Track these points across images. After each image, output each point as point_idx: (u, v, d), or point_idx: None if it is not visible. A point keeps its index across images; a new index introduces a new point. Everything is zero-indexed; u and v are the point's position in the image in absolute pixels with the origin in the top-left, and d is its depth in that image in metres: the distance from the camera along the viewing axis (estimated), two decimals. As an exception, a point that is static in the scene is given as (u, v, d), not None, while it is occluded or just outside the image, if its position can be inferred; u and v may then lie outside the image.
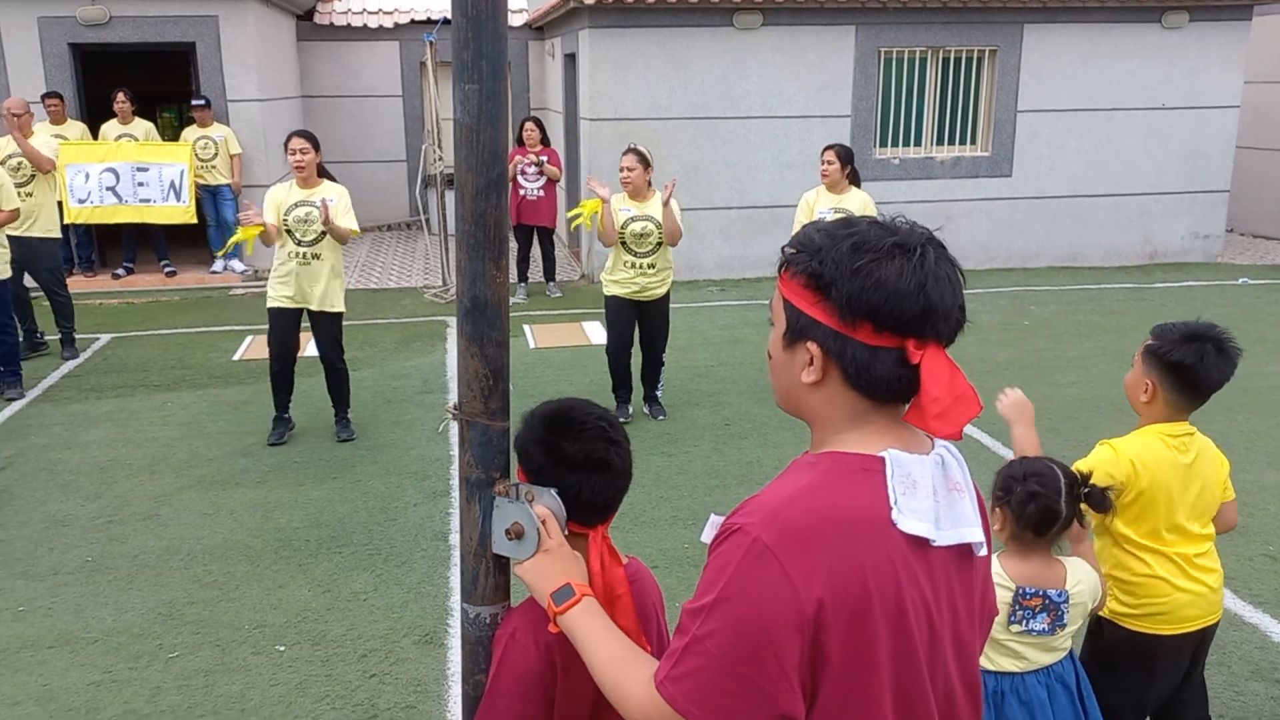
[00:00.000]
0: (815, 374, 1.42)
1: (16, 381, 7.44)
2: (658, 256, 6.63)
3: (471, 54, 1.59)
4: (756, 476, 5.85)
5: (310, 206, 6.14)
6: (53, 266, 8.29)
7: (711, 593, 1.35)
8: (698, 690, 1.34)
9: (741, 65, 10.91)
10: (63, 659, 4.10)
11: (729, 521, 1.39)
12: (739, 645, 1.31)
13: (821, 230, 1.43)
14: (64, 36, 10.72)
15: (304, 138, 6.21)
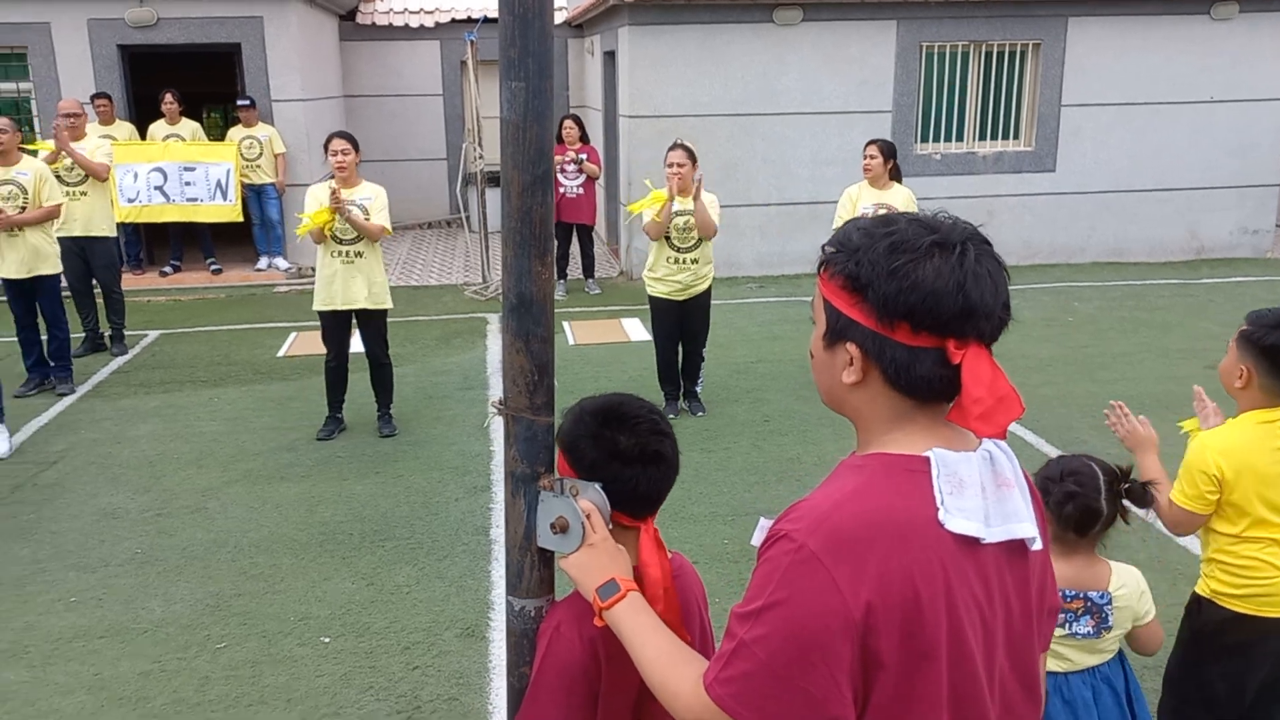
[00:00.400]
0: (856, 374, 1.42)
1: (68, 376, 7.60)
2: (700, 252, 6.64)
3: (518, 52, 1.61)
4: (796, 474, 5.84)
5: (351, 206, 6.23)
6: (109, 264, 8.44)
7: (759, 599, 1.36)
8: (746, 694, 1.35)
9: (781, 61, 10.87)
10: (113, 649, 4.19)
11: (775, 527, 1.40)
12: (787, 651, 1.32)
13: (860, 229, 1.42)
14: (113, 38, 10.91)
15: (344, 139, 6.30)
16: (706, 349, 7.06)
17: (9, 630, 4.33)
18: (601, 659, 1.76)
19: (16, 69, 11.03)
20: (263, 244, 11.62)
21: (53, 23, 10.79)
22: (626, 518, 1.79)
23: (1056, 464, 2.64)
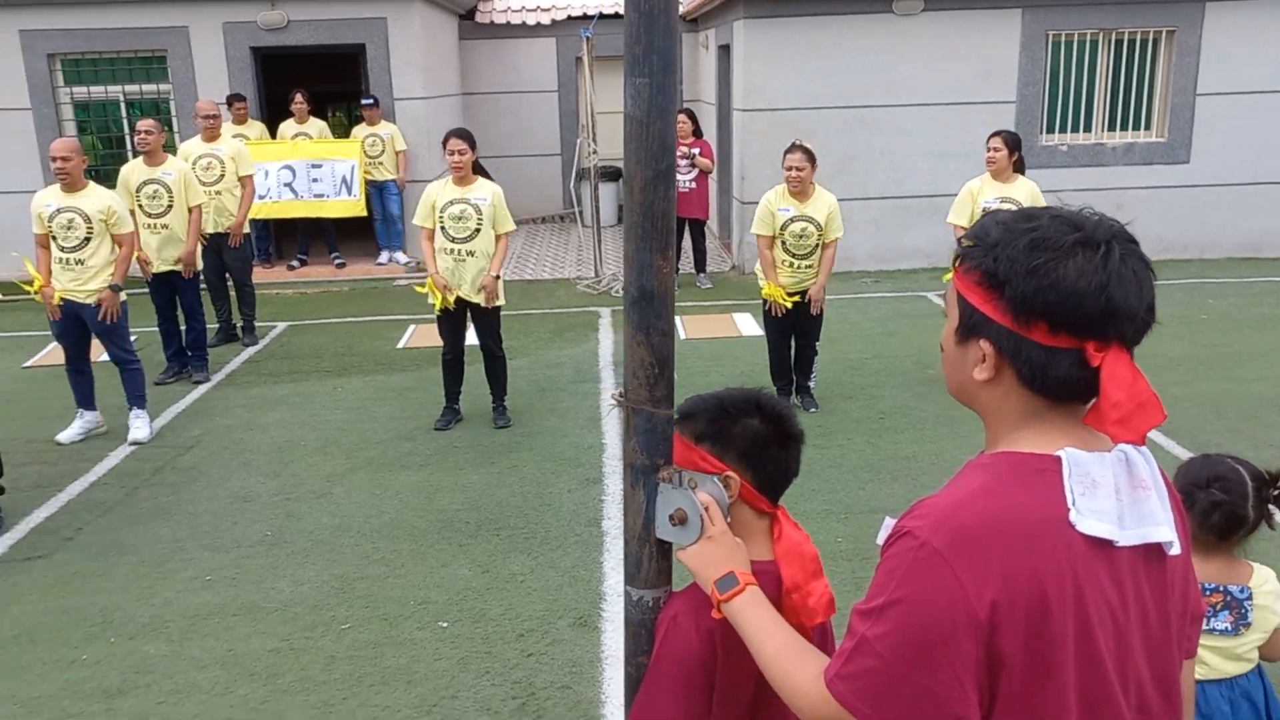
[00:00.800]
0: (988, 371, 1.40)
1: (204, 365, 7.97)
2: (815, 257, 6.59)
3: (643, 48, 1.62)
4: (912, 472, 5.74)
5: (465, 204, 6.37)
6: (242, 259, 8.82)
7: (881, 595, 1.36)
8: (868, 690, 1.35)
9: (899, 52, 10.68)
10: (245, 626, 4.39)
11: (899, 524, 1.39)
12: (909, 648, 1.32)
13: (1000, 223, 1.40)
14: (246, 40, 11.37)
15: (461, 137, 6.41)
16: (820, 343, 6.99)
17: (150, 605, 4.57)
18: (719, 650, 1.77)
19: (157, 71, 11.60)
20: (384, 238, 11.97)
21: (190, 26, 11.30)
22: (767, 503, 1.81)
23: (1201, 467, 2.52)
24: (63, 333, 6.53)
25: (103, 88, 11.60)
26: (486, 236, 6.43)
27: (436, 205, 6.41)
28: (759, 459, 1.80)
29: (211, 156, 8.56)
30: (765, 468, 1.81)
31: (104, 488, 5.91)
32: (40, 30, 11.19)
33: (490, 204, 6.41)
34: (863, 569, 4.62)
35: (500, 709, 3.77)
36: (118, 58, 11.49)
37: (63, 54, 11.40)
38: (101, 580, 4.81)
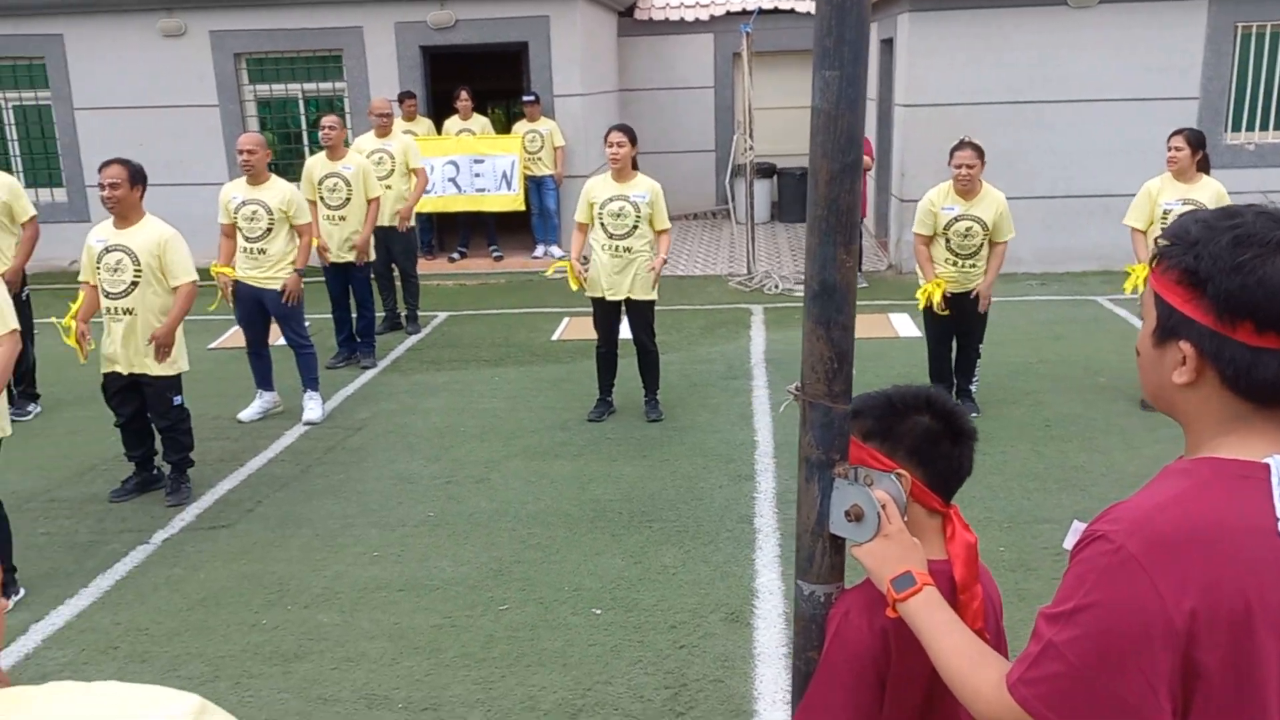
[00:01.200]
0: (1188, 374, 1.35)
1: (371, 352, 8.33)
2: (980, 257, 6.46)
3: (834, 40, 1.61)
4: (1080, 482, 5.52)
5: (624, 201, 6.51)
6: (408, 251, 9.18)
7: (1072, 599, 1.33)
8: (1053, 696, 1.33)
9: (1072, 46, 10.25)
10: (410, 602, 4.57)
11: (1092, 528, 1.36)
12: (1100, 655, 1.29)
13: (1200, 221, 1.35)
14: (416, 40, 11.80)
15: (622, 132, 6.53)
16: (982, 346, 6.79)
17: (323, 576, 4.82)
18: (893, 649, 1.75)
19: (333, 70, 12.16)
20: (540, 232, 12.24)
21: (365, 26, 11.81)
22: (939, 501, 1.80)
23: None
24: (243, 317, 6.95)
25: (283, 85, 12.25)
26: (644, 233, 6.53)
27: (596, 203, 6.57)
28: (929, 456, 1.79)
29: (383, 151, 8.92)
30: (936, 465, 1.79)
31: (281, 464, 6.25)
32: (228, 31, 11.89)
33: (648, 201, 6.52)
34: (1025, 580, 4.47)
35: (653, 698, 3.81)
36: (297, 57, 12.11)
37: (248, 53, 12.09)
38: (279, 550, 5.10)
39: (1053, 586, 2.94)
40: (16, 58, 12.25)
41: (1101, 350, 7.92)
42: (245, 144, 6.78)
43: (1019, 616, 2.13)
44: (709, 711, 3.73)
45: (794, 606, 1.90)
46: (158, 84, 12.02)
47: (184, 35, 11.91)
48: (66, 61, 12.09)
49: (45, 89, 12.29)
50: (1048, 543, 4.85)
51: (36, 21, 11.97)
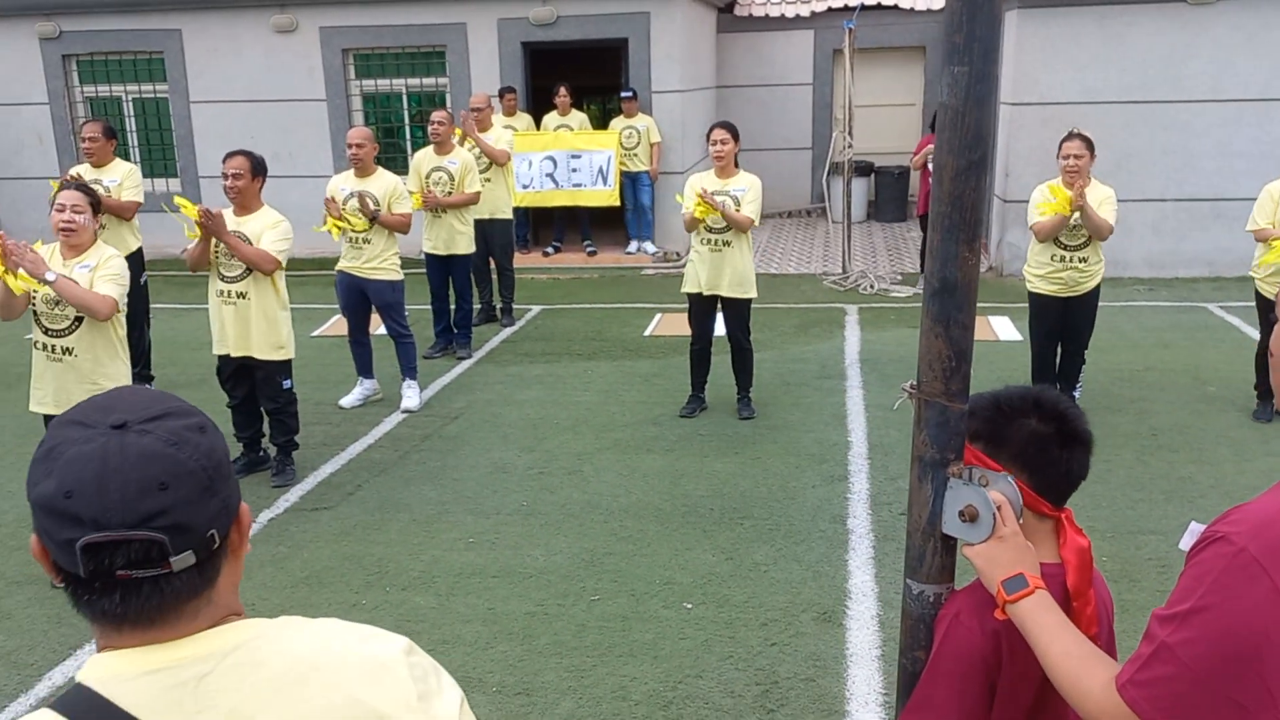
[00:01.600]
0: None
1: (467, 343, 8.48)
2: (1089, 250, 6.28)
3: (964, 36, 1.60)
4: (1188, 494, 5.34)
5: (724, 196, 6.49)
6: (505, 244, 9.32)
7: (1188, 600, 1.31)
8: (1165, 698, 1.31)
9: (1190, 44, 9.89)
10: (504, 588, 4.65)
11: (1212, 529, 1.33)
12: (1216, 657, 1.27)
13: None
14: (518, 36, 11.95)
15: (726, 129, 6.55)
16: (1088, 351, 6.62)
17: (420, 561, 4.93)
18: (1003, 652, 1.73)
19: (436, 66, 12.39)
20: (634, 228, 12.29)
21: (469, 23, 12.00)
22: (1049, 506, 1.77)
23: None
24: (346, 306, 7.13)
25: (388, 81, 12.52)
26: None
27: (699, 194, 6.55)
28: (1036, 461, 1.75)
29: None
30: (1044, 470, 1.76)
31: (380, 450, 6.41)
32: (337, 27, 12.20)
33: (747, 194, 6.54)
34: (1129, 591, 4.34)
35: (743, 694, 3.82)
36: (402, 53, 12.36)
37: (356, 49, 12.39)
38: (378, 534, 5.23)
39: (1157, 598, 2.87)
40: (138, 52, 12.76)
41: (1211, 359, 7.64)
42: (354, 138, 6.97)
43: (1121, 628, 2.08)
44: (800, 710, 3.72)
45: (902, 604, 1.89)
46: (269, 78, 12.41)
47: (295, 31, 12.26)
48: (184, 56, 12.55)
49: (163, 82, 12.77)
50: (1152, 554, 4.71)
51: (157, 17, 12.45)
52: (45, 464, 1.08)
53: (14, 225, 13.40)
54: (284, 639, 1.13)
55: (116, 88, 13.00)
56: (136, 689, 1.07)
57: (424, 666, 1.17)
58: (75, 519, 1.04)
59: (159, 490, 1.06)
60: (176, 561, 1.07)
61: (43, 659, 4.20)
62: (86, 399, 1.15)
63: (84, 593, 1.08)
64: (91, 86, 13.03)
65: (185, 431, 1.11)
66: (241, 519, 1.17)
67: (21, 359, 8.54)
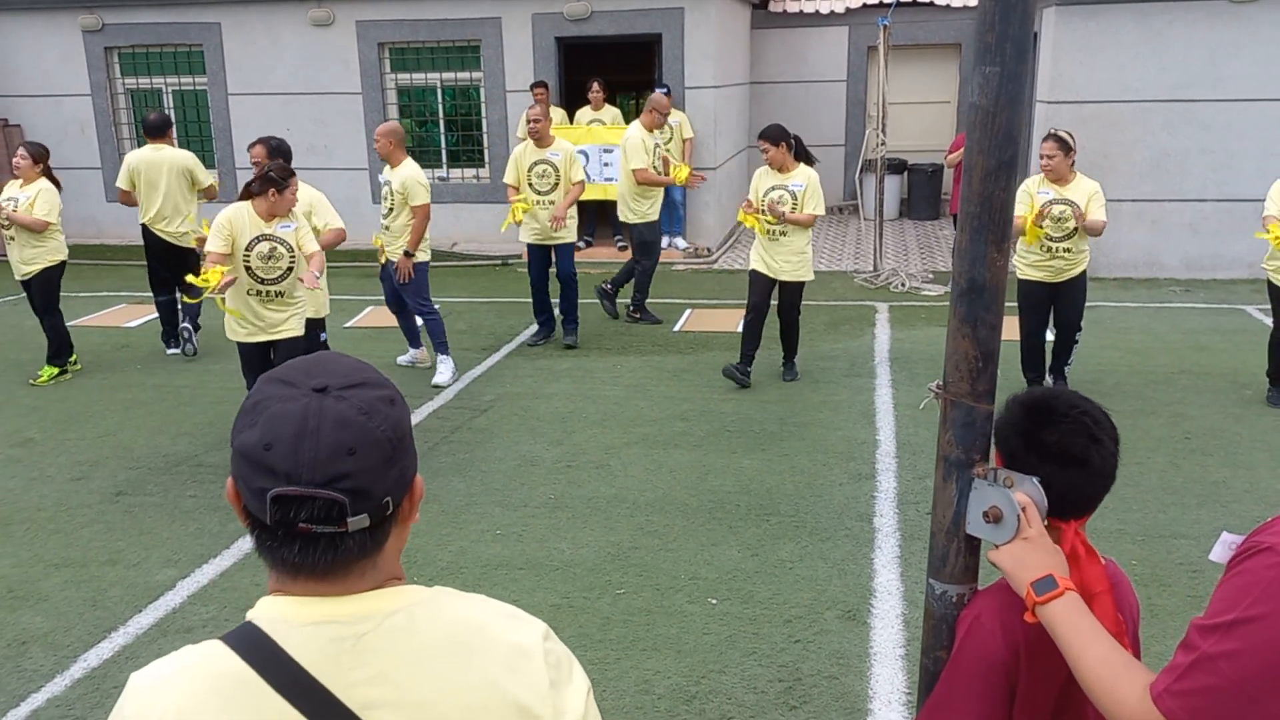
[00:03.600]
0: None
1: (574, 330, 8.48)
2: (1074, 241, 6.60)
3: (996, 36, 1.59)
4: (1222, 499, 5.28)
5: (783, 190, 7.12)
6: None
7: (1231, 612, 1.29)
8: (1205, 710, 1.29)
9: (1233, 43, 9.75)
10: (530, 580, 4.68)
11: (1256, 539, 1.31)
12: (1260, 670, 1.25)
13: None
14: (552, 31, 11.99)
15: (765, 138, 7.15)
16: (1081, 332, 6.96)
17: (448, 551, 4.97)
18: (1022, 655, 1.72)
19: (470, 60, 12.45)
20: (665, 224, 12.26)
21: (504, 18, 12.05)
22: (1050, 517, 1.74)
23: None
24: (385, 277, 7.79)
25: (423, 75, 12.60)
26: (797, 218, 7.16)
27: (759, 190, 7.24)
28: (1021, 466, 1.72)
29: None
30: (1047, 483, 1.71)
31: (410, 441, 6.45)
32: (374, 21, 12.29)
33: (804, 189, 7.13)
34: (1158, 595, 4.31)
35: (766, 690, 3.82)
36: (437, 47, 12.43)
37: (391, 43, 12.47)
38: (406, 524, 5.27)
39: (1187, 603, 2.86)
40: (178, 45, 12.92)
41: (1248, 362, 7.54)
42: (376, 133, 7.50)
43: (1150, 632, 2.07)
44: (823, 707, 3.72)
45: (925, 604, 1.89)
46: (305, 71, 12.52)
47: (332, 25, 12.36)
48: (223, 49, 12.70)
49: (203, 75, 12.93)
50: (1183, 558, 4.66)
51: (197, 10, 12.60)
52: (251, 415, 1.16)
53: (55, 214, 13.61)
54: (439, 611, 1.19)
55: (157, 80, 13.17)
56: (301, 636, 1.14)
57: (558, 654, 1.22)
58: (270, 470, 1.12)
59: (347, 455, 1.12)
60: (353, 522, 1.13)
61: (78, 640, 4.28)
62: (293, 360, 1.23)
63: (267, 539, 1.16)
64: (133, 79, 13.21)
65: (377, 402, 1.17)
66: (415, 490, 1.23)
67: (38, 348, 8.70)
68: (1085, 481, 1.73)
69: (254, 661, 1.13)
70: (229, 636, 1.16)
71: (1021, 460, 1.74)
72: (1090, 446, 1.73)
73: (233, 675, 1.13)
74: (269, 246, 5.67)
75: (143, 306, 9.98)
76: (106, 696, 3.89)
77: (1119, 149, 9.90)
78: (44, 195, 7.47)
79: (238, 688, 1.12)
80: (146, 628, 4.38)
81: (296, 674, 1.12)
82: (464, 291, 10.43)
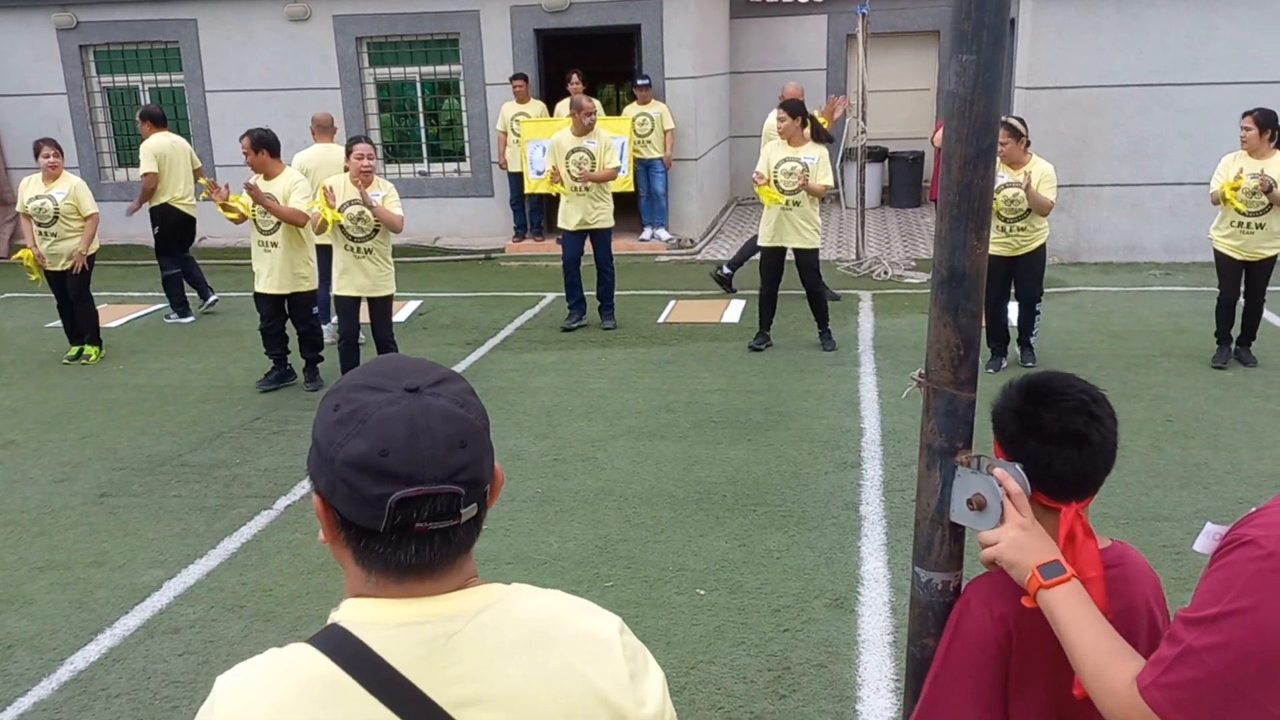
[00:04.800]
0: None
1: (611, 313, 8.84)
2: (1027, 220, 7.02)
3: (972, 25, 1.60)
4: (1203, 480, 5.32)
5: (795, 162, 7.56)
6: None
7: (1215, 605, 1.29)
8: (1189, 702, 1.30)
9: (1210, 26, 9.80)
10: (519, 575, 4.67)
11: (1239, 532, 1.32)
12: (1244, 663, 1.26)
13: None
14: (531, 23, 11.94)
15: (783, 108, 7.64)
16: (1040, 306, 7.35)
17: (435, 547, 4.96)
18: (1014, 639, 1.73)
19: (449, 53, 12.39)
20: (647, 215, 12.27)
21: (481, 10, 12.00)
22: (1047, 498, 1.73)
23: None
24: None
25: (401, 69, 12.53)
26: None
27: (772, 161, 7.64)
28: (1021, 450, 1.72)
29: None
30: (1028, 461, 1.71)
31: (395, 437, 6.43)
32: (351, 15, 12.22)
33: (816, 161, 7.59)
34: (1143, 579, 4.34)
35: (755, 679, 3.84)
36: (416, 40, 12.37)
37: (369, 37, 12.40)
38: (393, 520, 5.26)
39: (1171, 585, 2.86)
40: (154, 42, 12.81)
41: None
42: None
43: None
44: (812, 695, 3.74)
45: (910, 592, 1.90)
46: (283, 67, 12.44)
47: (309, 20, 12.28)
48: (199, 46, 12.60)
49: (179, 72, 12.83)
50: (1166, 541, 4.70)
51: (173, 7, 12.49)
52: (351, 425, 1.14)
53: (32, 215, 13.48)
54: (520, 606, 1.20)
55: (133, 78, 13.06)
56: (392, 638, 1.14)
57: (634, 646, 1.24)
58: (391, 475, 1.11)
59: (460, 448, 1.14)
60: (465, 513, 1.15)
61: (65, 643, 4.26)
62: (368, 365, 1.23)
63: (379, 545, 1.15)
64: (109, 76, 13.10)
65: (465, 394, 1.20)
66: (498, 476, 1.24)
67: (43, 346, 8.63)
68: (1086, 460, 1.73)
69: (344, 662, 1.13)
70: (316, 639, 1.16)
71: (1021, 444, 1.72)
72: (1090, 424, 1.73)
73: (324, 677, 1.12)
74: (358, 210, 6.81)
75: (123, 306, 9.92)
76: (94, 699, 3.87)
77: (1098, 134, 9.95)
78: (81, 189, 8.05)
79: (330, 689, 1.11)
80: (133, 629, 4.36)
81: (388, 674, 1.12)
82: (447, 286, 10.40)
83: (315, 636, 1.16)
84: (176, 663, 4.11)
